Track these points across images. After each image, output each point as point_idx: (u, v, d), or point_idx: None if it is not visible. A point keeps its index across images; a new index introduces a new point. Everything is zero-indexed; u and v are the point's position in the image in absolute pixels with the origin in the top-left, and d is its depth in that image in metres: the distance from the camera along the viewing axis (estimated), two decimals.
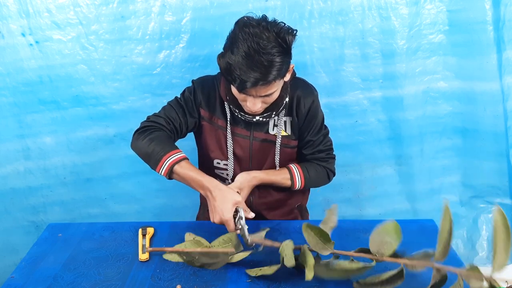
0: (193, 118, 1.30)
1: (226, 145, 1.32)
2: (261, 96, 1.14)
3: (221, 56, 1.11)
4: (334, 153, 1.37)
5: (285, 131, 1.31)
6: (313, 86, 1.33)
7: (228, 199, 1.10)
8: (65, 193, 1.71)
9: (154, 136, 1.22)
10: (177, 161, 1.16)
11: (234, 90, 1.17)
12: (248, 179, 1.26)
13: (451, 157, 1.76)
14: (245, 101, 1.17)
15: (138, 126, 1.61)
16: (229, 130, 1.30)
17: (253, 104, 1.15)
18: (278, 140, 1.31)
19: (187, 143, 1.38)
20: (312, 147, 1.33)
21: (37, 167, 1.66)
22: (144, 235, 1.21)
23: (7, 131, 1.61)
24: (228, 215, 1.08)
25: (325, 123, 1.34)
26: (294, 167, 1.32)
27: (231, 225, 1.09)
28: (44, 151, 1.65)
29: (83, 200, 1.73)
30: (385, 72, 1.61)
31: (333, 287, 1.01)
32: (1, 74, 1.53)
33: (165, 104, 1.41)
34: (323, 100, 1.61)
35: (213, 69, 1.56)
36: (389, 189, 1.79)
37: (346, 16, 1.54)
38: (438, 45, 1.60)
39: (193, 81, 1.32)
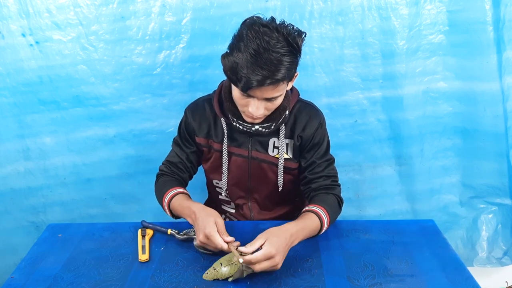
0: (193, 152, 1.33)
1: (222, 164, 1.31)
2: (265, 99, 1.10)
3: (225, 56, 1.08)
4: (339, 182, 1.30)
5: (287, 153, 1.28)
6: (320, 110, 1.30)
7: (210, 214, 1.10)
8: (65, 193, 1.71)
9: (157, 184, 1.33)
10: (170, 200, 1.24)
11: (236, 94, 1.13)
12: (286, 240, 1.04)
13: (451, 157, 1.76)
14: (246, 106, 1.13)
15: (138, 126, 1.63)
16: (225, 147, 1.28)
17: (256, 108, 1.11)
18: (281, 162, 1.27)
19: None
20: (317, 171, 1.27)
21: (37, 167, 1.66)
22: (143, 236, 1.21)
23: (7, 131, 1.61)
24: (210, 229, 1.05)
25: (326, 123, 1.33)
26: (320, 210, 1.16)
27: (215, 238, 1.04)
28: (44, 151, 1.65)
29: (83, 200, 1.73)
30: (385, 72, 1.61)
31: (332, 286, 1.01)
32: (1, 74, 1.53)
33: (166, 103, 1.57)
34: (323, 100, 1.61)
35: (213, 70, 1.57)
36: (389, 189, 1.79)
37: (346, 16, 1.54)
38: (438, 46, 1.59)
39: (185, 110, 1.33)
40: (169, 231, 1.22)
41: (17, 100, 1.57)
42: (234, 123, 1.23)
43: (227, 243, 1.04)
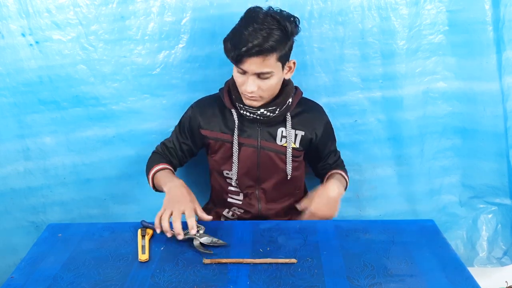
0: (187, 144, 1.44)
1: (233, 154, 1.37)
2: (257, 77, 1.20)
3: (226, 38, 1.22)
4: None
5: (294, 143, 1.37)
6: (322, 107, 1.49)
7: (183, 191, 1.22)
8: (65, 193, 1.71)
9: (149, 159, 1.45)
10: (154, 173, 1.35)
11: (235, 73, 1.25)
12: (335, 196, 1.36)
13: (450, 157, 1.76)
14: (243, 85, 1.23)
15: (137, 126, 1.63)
16: (235, 137, 1.35)
17: (249, 85, 1.21)
18: (289, 151, 1.36)
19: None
20: (333, 160, 1.50)
21: (37, 167, 1.66)
22: (143, 236, 1.21)
23: (7, 131, 1.61)
24: (188, 211, 1.16)
25: None
26: (343, 173, 1.48)
27: (188, 207, 1.17)
28: (44, 151, 1.64)
29: (83, 200, 1.73)
30: (385, 72, 1.61)
31: (332, 286, 1.01)
32: (1, 74, 1.53)
33: (166, 103, 1.60)
34: (323, 100, 1.62)
35: (213, 70, 1.57)
36: (389, 190, 1.79)
37: (346, 16, 1.54)
38: (438, 46, 1.59)
39: (192, 106, 1.43)
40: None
41: (17, 100, 1.57)
42: (242, 111, 1.32)
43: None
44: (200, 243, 1.16)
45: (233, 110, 1.35)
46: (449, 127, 1.71)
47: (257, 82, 1.21)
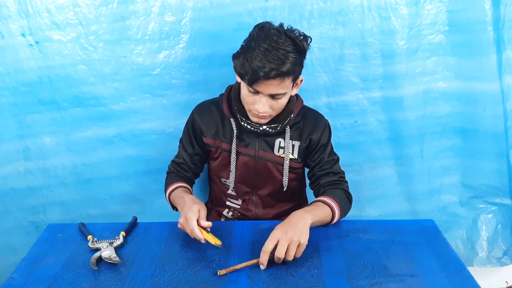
0: (196, 154, 1.41)
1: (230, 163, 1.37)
2: (270, 97, 1.18)
3: (236, 54, 1.18)
4: (346, 179, 1.38)
5: (292, 154, 1.36)
6: (323, 115, 1.41)
7: (196, 203, 1.18)
8: (64, 193, 1.71)
9: (165, 181, 1.42)
10: (170, 193, 1.34)
11: (244, 92, 1.21)
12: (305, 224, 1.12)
13: (450, 157, 1.76)
14: (253, 104, 1.21)
15: (137, 126, 1.63)
16: (233, 147, 1.34)
17: (262, 105, 1.19)
18: (287, 163, 1.35)
19: None
20: (325, 168, 1.35)
21: (37, 167, 1.66)
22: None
23: (7, 131, 1.61)
24: (192, 214, 1.12)
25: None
26: (327, 199, 1.24)
27: (192, 221, 1.11)
28: (44, 152, 1.64)
29: (82, 200, 1.73)
30: (385, 72, 1.61)
31: (332, 286, 1.01)
32: (1, 74, 1.53)
33: (166, 103, 1.58)
34: (323, 100, 1.62)
35: (213, 70, 1.57)
36: (389, 190, 1.79)
37: (346, 16, 1.54)
38: (438, 45, 1.60)
39: (192, 112, 1.40)
40: (89, 237, 1.21)
41: (17, 100, 1.57)
42: (243, 123, 1.30)
43: (204, 228, 1.13)
44: (100, 256, 1.12)
45: (232, 120, 1.33)
46: (449, 127, 1.71)
47: (269, 102, 1.19)
